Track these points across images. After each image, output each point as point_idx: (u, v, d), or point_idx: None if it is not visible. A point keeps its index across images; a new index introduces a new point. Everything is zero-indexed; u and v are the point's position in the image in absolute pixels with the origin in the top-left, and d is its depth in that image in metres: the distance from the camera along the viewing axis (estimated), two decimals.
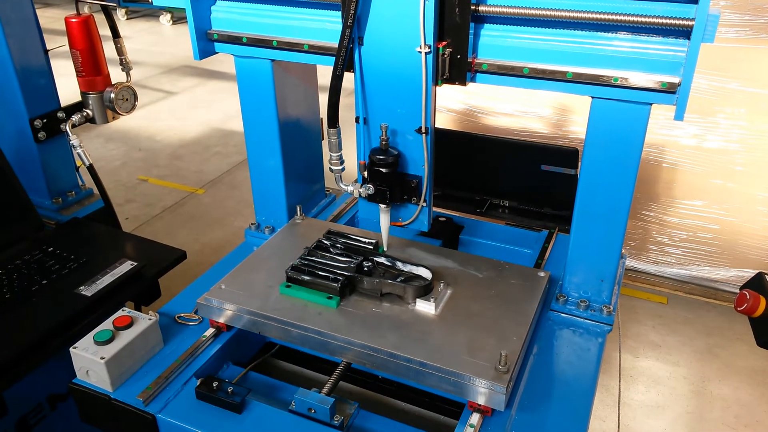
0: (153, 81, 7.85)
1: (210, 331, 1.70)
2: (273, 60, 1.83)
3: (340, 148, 1.61)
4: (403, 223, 1.71)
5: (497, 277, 1.77)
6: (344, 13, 1.46)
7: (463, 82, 1.54)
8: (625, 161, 1.56)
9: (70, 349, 1.52)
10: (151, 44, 9.41)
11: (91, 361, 1.50)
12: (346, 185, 1.65)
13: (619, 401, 3.06)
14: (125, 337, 1.55)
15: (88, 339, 1.54)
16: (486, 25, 1.54)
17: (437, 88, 1.56)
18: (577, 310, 1.77)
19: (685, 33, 1.38)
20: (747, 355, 3.36)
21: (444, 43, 1.50)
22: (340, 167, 1.64)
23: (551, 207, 2.23)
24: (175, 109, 7.00)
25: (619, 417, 2.97)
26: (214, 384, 1.49)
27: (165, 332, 1.68)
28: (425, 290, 1.66)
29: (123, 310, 1.63)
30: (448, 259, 1.84)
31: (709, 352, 3.39)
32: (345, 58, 1.49)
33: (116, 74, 2.40)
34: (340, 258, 1.73)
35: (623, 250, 1.73)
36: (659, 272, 3.72)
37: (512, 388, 1.46)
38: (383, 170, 1.59)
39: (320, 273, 1.68)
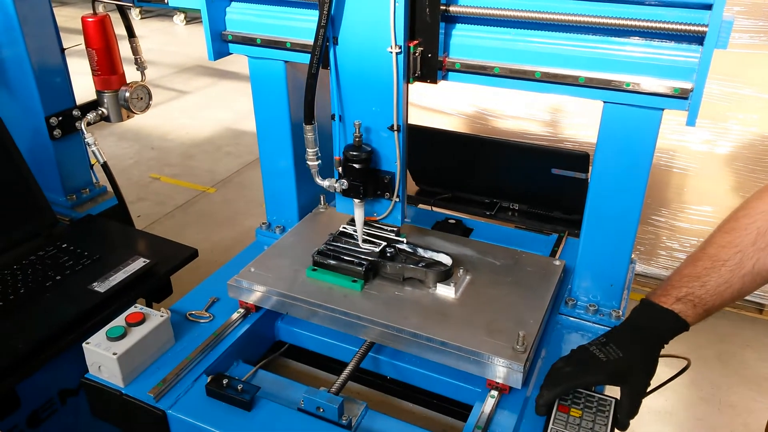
0: (166, 80, 7.91)
1: (239, 312, 1.79)
2: (286, 61, 1.85)
3: (316, 145, 1.66)
4: (378, 218, 1.75)
5: (514, 264, 1.84)
6: (319, 13, 1.50)
7: (434, 80, 1.60)
8: (637, 166, 1.56)
9: (83, 344, 1.54)
10: (164, 44, 9.47)
11: (103, 356, 1.51)
12: (322, 180, 1.70)
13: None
14: (137, 334, 1.56)
15: (100, 335, 1.55)
16: (457, 25, 1.58)
17: (409, 86, 1.61)
18: (586, 314, 1.78)
19: (698, 39, 1.38)
20: (757, 363, 3.33)
21: (415, 42, 1.54)
22: (316, 163, 1.68)
23: (561, 211, 2.23)
24: (188, 109, 7.05)
25: None
26: (224, 381, 1.51)
27: (176, 329, 1.69)
28: (445, 275, 1.72)
29: (135, 307, 1.65)
30: (467, 248, 1.92)
31: (719, 359, 3.37)
32: (320, 57, 1.54)
33: (131, 73, 2.42)
34: (364, 245, 1.80)
35: (633, 255, 1.73)
36: None
37: (529, 368, 1.52)
38: (356, 166, 1.64)
39: (345, 258, 1.76)
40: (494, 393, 1.52)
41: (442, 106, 3.96)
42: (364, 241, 1.82)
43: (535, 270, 1.82)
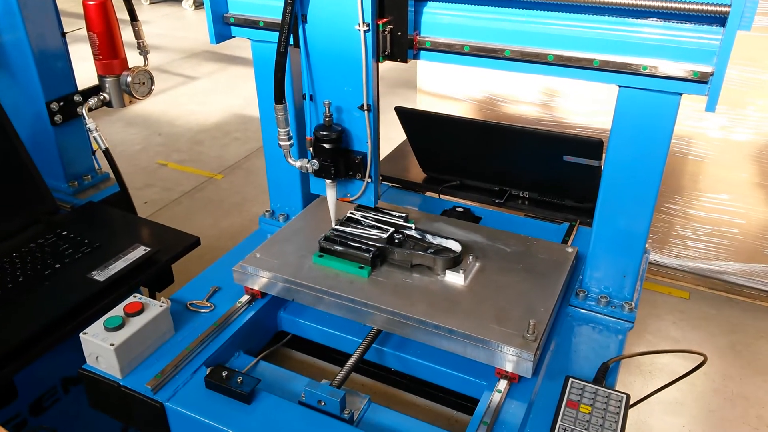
0: (174, 66, 7.86)
1: (244, 297, 1.77)
2: (289, 44, 1.79)
3: (287, 124, 1.63)
4: (351, 199, 1.73)
5: (525, 251, 1.81)
6: None
7: (404, 59, 1.56)
8: (653, 153, 1.50)
9: (80, 334, 1.51)
10: (173, 29, 9.42)
11: (100, 347, 1.48)
12: (294, 161, 1.68)
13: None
14: (135, 324, 1.53)
15: (98, 325, 1.52)
16: (429, 3, 1.54)
17: (379, 64, 1.57)
18: (597, 306, 1.72)
19: (719, 20, 1.31)
20: None
21: (385, 19, 1.50)
22: (288, 143, 1.66)
23: (573, 199, 2.17)
24: (196, 94, 7.00)
25: (637, 413, 2.91)
26: (224, 373, 1.47)
27: (176, 319, 1.66)
28: (454, 262, 1.70)
29: (134, 297, 1.61)
30: (477, 234, 1.89)
31: (732, 349, 3.31)
32: (287, 35, 1.51)
33: (135, 58, 2.37)
34: (371, 230, 1.78)
35: (647, 245, 1.68)
36: (682, 266, 3.64)
37: (539, 357, 1.49)
38: (326, 146, 1.62)
39: (352, 244, 1.74)
40: (503, 382, 1.49)
41: (452, 92, 3.89)
42: (371, 226, 1.79)
43: (546, 257, 1.79)
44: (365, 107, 1.57)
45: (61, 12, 2.28)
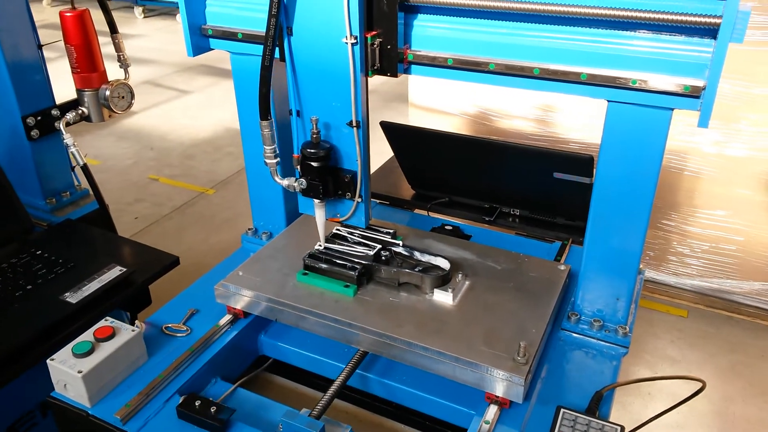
0: (168, 80, 7.82)
1: (226, 318, 1.72)
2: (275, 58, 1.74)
3: (273, 141, 1.58)
4: (341, 219, 1.67)
5: (516, 269, 1.76)
6: (270, 0, 1.40)
7: (394, 74, 1.51)
8: (644, 170, 1.44)
9: (47, 361, 1.44)
10: (167, 43, 9.39)
11: (68, 374, 1.41)
12: (281, 179, 1.63)
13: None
14: (106, 349, 1.46)
15: (66, 351, 1.46)
16: (419, 15, 1.49)
17: (368, 79, 1.51)
18: (590, 330, 1.66)
19: (711, 32, 1.26)
20: None
21: (374, 32, 1.45)
22: (274, 161, 1.61)
23: (564, 217, 2.11)
24: (189, 108, 6.96)
25: None
26: (197, 403, 1.40)
27: (151, 344, 1.59)
28: (443, 280, 1.65)
29: (106, 320, 1.55)
30: (467, 251, 1.84)
31: (732, 369, 3.24)
32: (272, 48, 1.45)
33: (115, 72, 2.32)
34: (358, 247, 1.73)
35: (641, 264, 1.62)
36: (679, 284, 3.57)
37: (531, 380, 1.44)
38: (314, 164, 1.56)
39: (337, 261, 1.69)
40: (493, 409, 1.43)
41: (444, 106, 3.84)
42: (358, 243, 1.74)
43: (538, 275, 1.73)
44: (354, 123, 1.52)
45: (51, 25, 2.22)
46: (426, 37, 1.49)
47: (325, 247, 1.73)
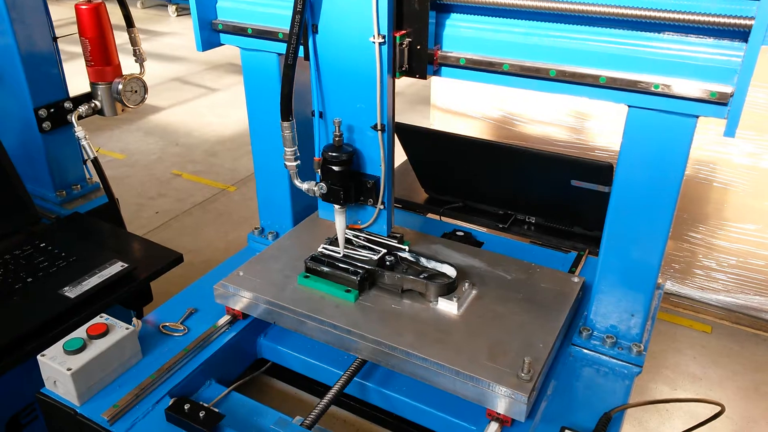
0: (196, 77, 7.88)
1: (225, 318, 1.68)
2: (279, 54, 1.70)
3: (294, 143, 1.52)
4: (362, 227, 1.62)
5: (527, 279, 1.69)
6: None
7: (423, 76, 1.43)
8: (666, 180, 1.36)
9: (38, 356, 1.41)
10: None
11: (57, 371, 1.38)
12: (301, 183, 1.57)
13: None
14: (98, 347, 1.43)
15: (57, 347, 1.43)
16: (452, 14, 1.40)
17: (395, 80, 1.44)
18: (602, 347, 1.57)
19: (741, 34, 1.17)
20: None
21: (403, 32, 1.37)
22: (294, 163, 1.55)
23: (581, 226, 2.02)
24: (215, 106, 7.01)
25: None
26: (186, 406, 1.36)
27: (146, 343, 1.56)
28: (448, 289, 1.59)
29: (101, 317, 1.52)
30: (476, 259, 1.77)
31: (756, 390, 3.11)
32: (296, 46, 1.39)
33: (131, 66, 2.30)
34: (362, 250, 1.67)
35: (662, 278, 1.53)
36: (704, 299, 3.44)
37: (535, 398, 1.36)
38: (336, 168, 1.50)
39: (340, 265, 1.64)
40: (494, 425, 1.36)
41: (466, 109, 3.77)
42: (363, 247, 1.68)
43: (550, 286, 1.66)
44: (379, 127, 1.45)
45: (68, 19, 2.21)
46: (459, 38, 1.41)
47: (328, 250, 1.67)
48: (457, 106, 3.79)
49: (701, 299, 3.45)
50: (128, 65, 2.32)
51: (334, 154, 1.48)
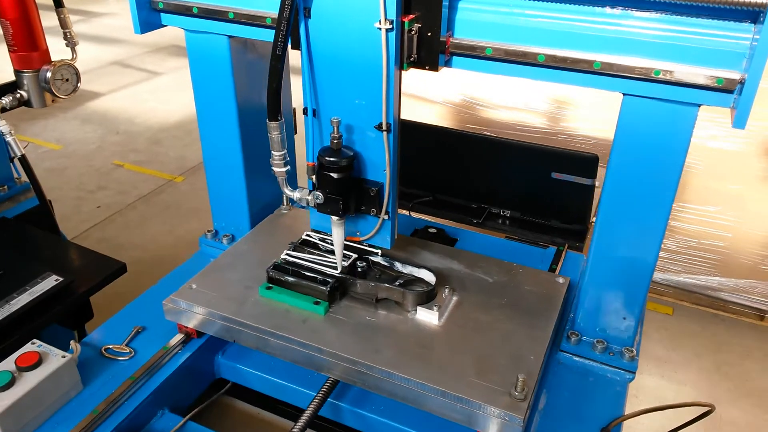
0: (137, 60, 7.54)
1: (178, 337, 1.51)
2: (230, 36, 1.51)
3: (284, 146, 1.34)
4: (362, 238, 1.47)
5: (509, 282, 1.58)
6: None
7: (434, 67, 1.26)
8: (663, 174, 1.26)
9: None
10: None
11: None
12: (291, 191, 1.40)
13: None
14: (29, 381, 1.25)
15: None
16: None
17: (403, 73, 1.28)
18: (592, 353, 1.48)
19: (751, 15, 1.06)
20: (758, 375, 3.11)
21: (411, 16, 1.21)
22: (283, 168, 1.37)
23: (560, 220, 1.92)
24: (158, 91, 6.71)
25: None
26: None
27: (86, 370, 1.38)
28: (427, 296, 1.46)
29: (33, 344, 1.32)
30: (454, 260, 1.65)
31: (718, 370, 3.15)
32: (286, 33, 1.21)
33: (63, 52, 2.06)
34: (331, 256, 1.52)
35: None
36: (665, 281, 3.45)
37: (529, 418, 1.26)
38: (334, 175, 1.33)
39: (306, 273, 1.49)
40: None
41: (426, 93, 3.63)
42: (331, 252, 1.52)
43: (534, 289, 1.56)
44: (384, 127, 1.29)
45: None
46: (473, 22, 1.24)
47: (292, 257, 1.52)
48: (418, 90, 3.65)
49: (662, 281, 3.46)
50: (59, 50, 2.08)
51: (332, 158, 1.31)
